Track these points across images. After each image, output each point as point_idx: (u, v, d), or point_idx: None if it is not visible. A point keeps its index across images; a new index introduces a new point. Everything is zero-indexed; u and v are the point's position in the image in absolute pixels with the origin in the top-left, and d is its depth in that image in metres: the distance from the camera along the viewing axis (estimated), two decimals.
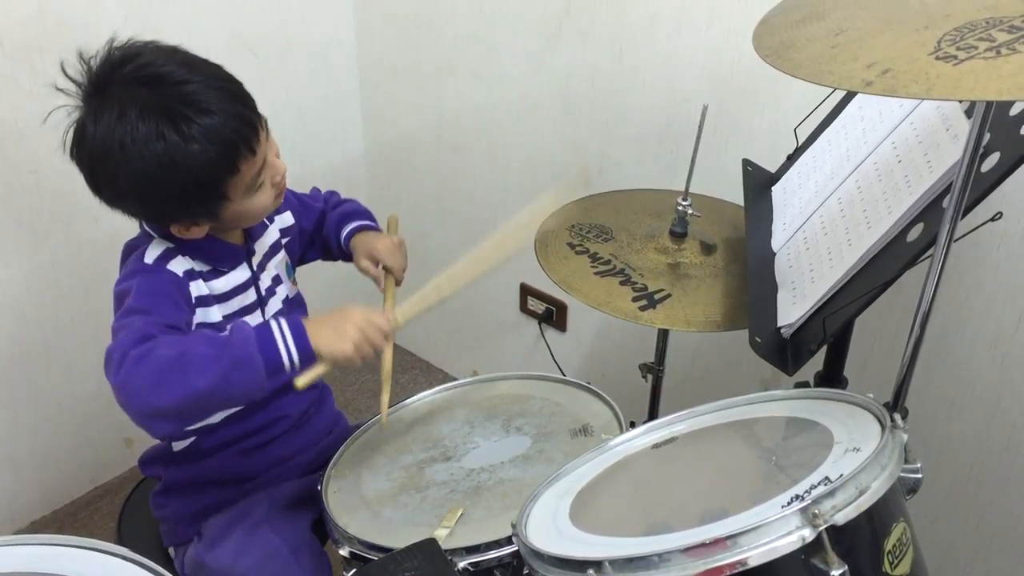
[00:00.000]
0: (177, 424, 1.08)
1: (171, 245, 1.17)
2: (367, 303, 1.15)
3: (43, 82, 1.15)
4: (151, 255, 1.16)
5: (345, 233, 1.41)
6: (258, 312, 1.27)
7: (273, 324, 1.05)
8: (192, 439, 1.29)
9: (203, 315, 1.20)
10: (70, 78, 1.08)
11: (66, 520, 2.04)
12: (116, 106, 1.04)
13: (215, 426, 1.28)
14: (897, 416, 0.92)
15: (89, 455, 2.08)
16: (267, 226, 1.31)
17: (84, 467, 2.09)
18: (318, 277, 1.56)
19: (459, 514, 1.17)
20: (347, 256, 1.43)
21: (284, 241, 1.35)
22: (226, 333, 1.08)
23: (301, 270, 1.44)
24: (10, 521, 1.99)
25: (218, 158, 1.07)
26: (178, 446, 1.30)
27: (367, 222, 1.43)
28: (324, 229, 1.44)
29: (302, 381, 1.07)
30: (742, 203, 1.45)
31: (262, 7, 2.01)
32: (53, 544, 0.94)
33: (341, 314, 1.09)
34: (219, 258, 1.21)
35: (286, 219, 1.36)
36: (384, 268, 1.37)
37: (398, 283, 1.38)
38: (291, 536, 1.27)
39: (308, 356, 1.06)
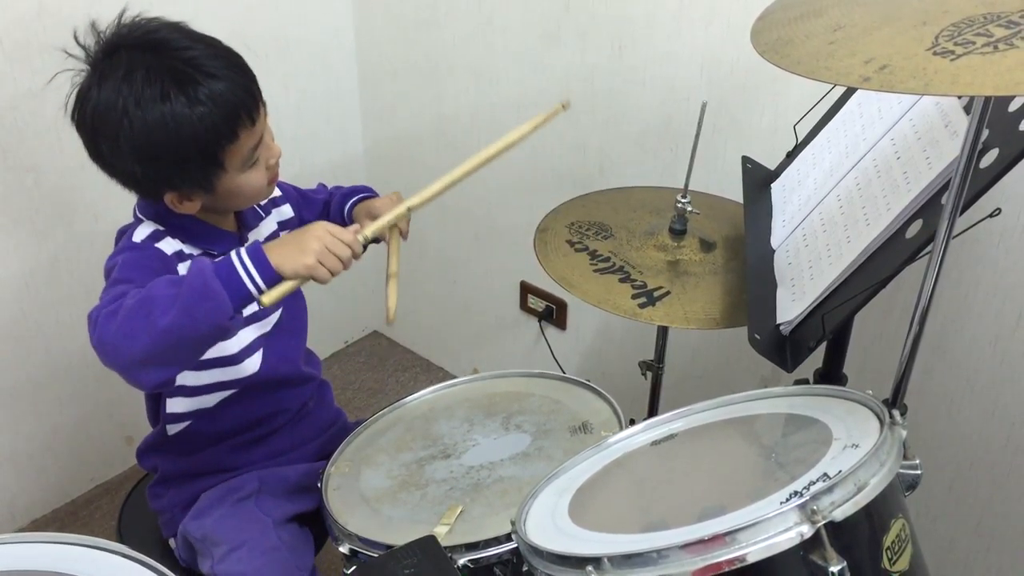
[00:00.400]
0: (160, 371, 1.04)
1: (161, 227, 1.18)
2: (370, 299, 1.14)
3: (42, 80, 1.16)
4: (140, 235, 1.18)
5: (347, 208, 1.41)
6: (253, 303, 1.27)
7: (232, 253, 1.04)
8: (187, 423, 1.29)
9: None
10: (80, 44, 1.11)
11: (67, 518, 2.04)
12: (122, 68, 1.07)
13: (211, 411, 1.29)
14: (896, 412, 0.92)
15: (89, 453, 2.08)
16: (263, 217, 1.31)
17: (84, 465, 2.09)
18: None
19: (459, 511, 1.17)
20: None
21: (283, 233, 1.35)
22: (184, 273, 1.09)
23: None
24: (11, 519, 2.00)
25: (220, 122, 1.09)
26: (173, 429, 1.30)
27: (366, 193, 1.43)
28: (330, 217, 1.43)
29: (267, 298, 1.04)
30: (741, 200, 1.45)
31: (261, 6, 2.01)
32: (54, 542, 0.95)
33: (304, 230, 1.08)
34: (209, 240, 1.21)
35: (284, 212, 1.37)
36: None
37: (404, 235, 1.33)
38: (276, 511, 1.29)
39: (270, 276, 1.04)
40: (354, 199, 1.42)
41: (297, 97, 2.17)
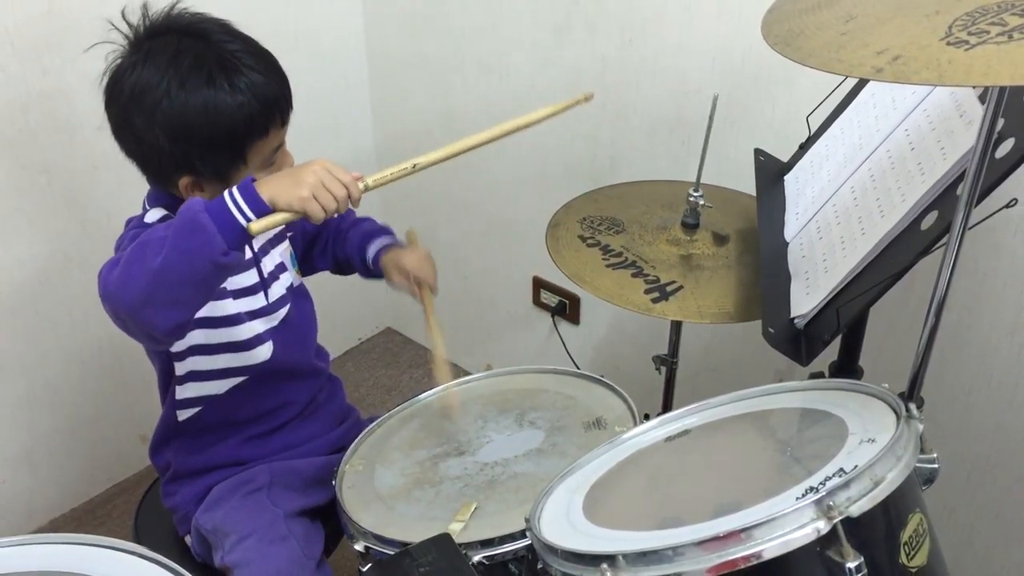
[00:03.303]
0: (167, 312, 1.03)
1: (170, 214, 1.19)
2: (383, 296, 1.14)
3: (53, 81, 1.17)
4: (151, 217, 1.20)
5: (372, 252, 1.43)
6: (261, 294, 1.29)
7: (225, 192, 1.03)
8: (198, 409, 1.30)
9: None
10: (128, 21, 1.15)
11: (84, 518, 2.05)
12: (170, 50, 1.11)
13: (221, 398, 1.29)
14: (912, 406, 0.91)
15: (106, 453, 2.09)
16: None
17: (101, 465, 2.10)
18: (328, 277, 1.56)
19: (473, 508, 1.17)
20: (373, 273, 1.45)
21: (289, 233, 1.37)
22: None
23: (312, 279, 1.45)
24: (29, 520, 2.01)
25: (256, 115, 1.14)
26: (183, 415, 1.31)
27: (391, 239, 1.45)
28: (346, 248, 1.46)
29: (256, 226, 1.01)
30: (754, 193, 1.44)
31: (270, 2, 2.01)
32: (71, 543, 0.95)
33: (302, 165, 1.08)
34: None
35: None
36: (417, 281, 1.38)
37: (433, 292, 1.40)
38: (287, 504, 1.29)
39: (261, 208, 1.02)
40: (378, 247, 1.43)
41: (307, 92, 2.15)
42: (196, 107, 1.11)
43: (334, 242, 1.47)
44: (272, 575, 1.21)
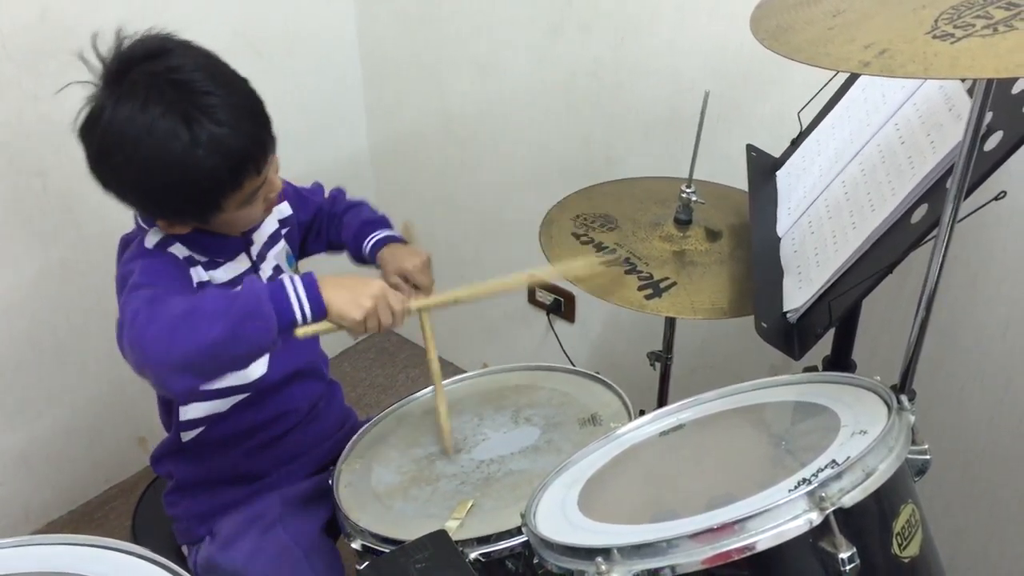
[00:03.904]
0: (193, 379, 1.05)
1: (167, 237, 1.18)
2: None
3: (48, 85, 1.16)
4: (151, 241, 1.18)
5: (370, 244, 1.41)
6: None
7: (286, 278, 1.05)
8: (201, 429, 1.30)
9: None
10: (98, 53, 1.09)
11: (82, 520, 2.05)
12: (141, 98, 1.06)
13: (224, 415, 1.29)
14: (904, 398, 0.92)
15: (103, 455, 2.10)
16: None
17: (99, 467, 2.10)
18: (325, 264, 1.56)
19: (469, 506, 1.17)
20: (366, 262, 1.43)
21: (284, 231, 1.36)
22: (238, 289, 1.09)
23: (306, 260, 1.45)
24: (27, 522, 2.01)
25: (226, 172, 1.09)
26: (187, 436, 1.30)
27: (390, 232, 1.43)
28: (341, 235, 1.44)
29: (302, 331, 1.05)
30: (747, 189, 1.45)
31: (264, 5, 2.02)
32: (70, 544, 0.95)
33: (362, 282, 1.09)
34: (215, 250, 1.22)
35: (283, 209, 1.36)
36: (414, 285, 1.36)
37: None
38: (304, 538, 1.29)
39: (320, 312, 1.05)
40: (376, 239, 1.41)
41: (301, 95, 2.18)
42: (163, 162, 1.06)
43: (328, 226, 1.45)
44: None
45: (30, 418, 1.93)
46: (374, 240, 1.41)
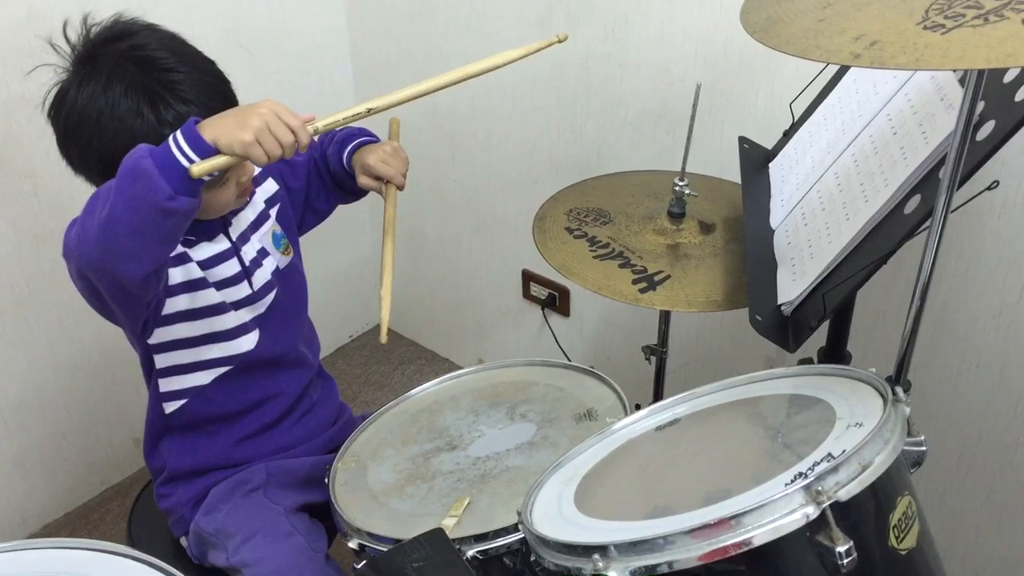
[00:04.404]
0: (130, 262, 1.00)
1: None
2: (374, 293, 1.13)
3: (35, 87, 1.16)
4: None
5: (346, 155, 1.36)
6: (245, 283, 1.27)
7: (169, 137, 0.99)
8: (183, 401, 1.29)
9: (185, 273, 1.20)
10: (67, 39, 1.11)
11: (79, 522, 2.05)
12: (104, 77, 1.07)
13: (207, 389, 1.28)
14: (899, 389, 0.92)
15: (98, 456, 2.09)
16: (247, 200, 1.28)
17: (94, 468, 2.10)
18: (319, 262, 1.56)
19: (466, 503, 1.17)
20: (356, 183, 1.36)
21: (273, 211, 1.33)
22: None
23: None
24: (23, 525, 2.00)
25: None
26: (170, 407, 1.30)
27: (365, 138, 1.38)
28: (331, 167, 1.39)
29: (197, 168, 0.97)
30: (739, 181, 1.45)
31: (254, 3, 2.01)
32: (64, 548, 0.95)
33: (250, 105, 1.02)
34: (193, 230, 1.18)
35: (269, 188, 1.34)
36: (384, 180, 1.32)
37: (401, 188, 1.33)
38: (286, 503, 1.30)
39: (203, 149, 0.97)
40: (350, 148, 1.36)
41: (292, 93, 2.17)
42: (125, 140, 1.05)
43: (324, 169, 1.41)
44: (283, 570, 1.21)
45: (24, 421, 1.92)
46: (349, 149, 1.36)
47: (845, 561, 0.78)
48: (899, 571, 0.85)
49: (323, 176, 1.41)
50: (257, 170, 1.21)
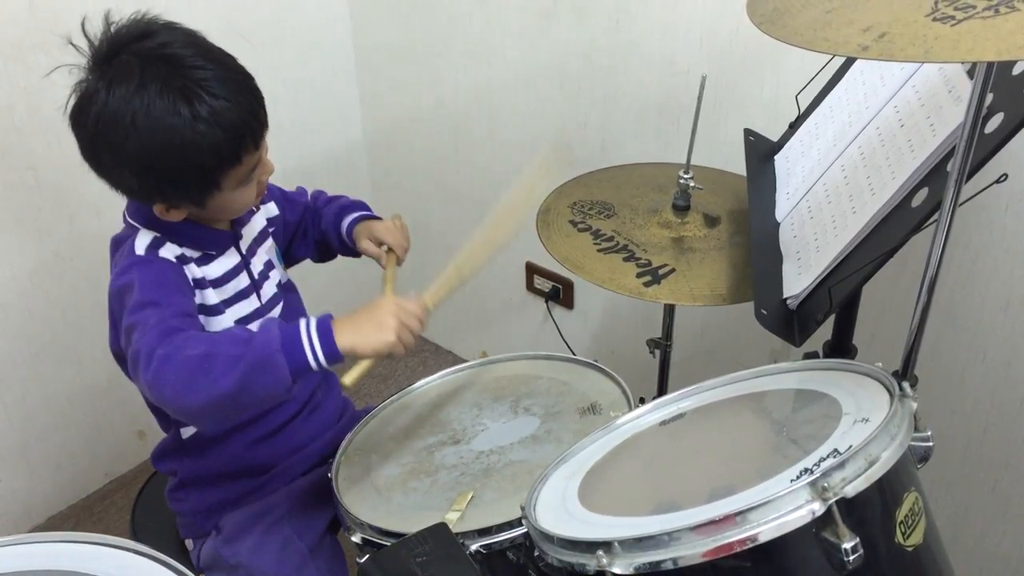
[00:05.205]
0: (216, 421, 1.09)
1: (157, 234, 1.17)
2: (368, 296, 1.14)
3: (37, 78, 1.15)
4: (140, 245, 1.16)
5: (347, 224, 1.42)
6: (253, 296, 1.27)
7: (301, 323, 1.05)
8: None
9: (200, 297, 1.20)
10: (88, 38, 1.09)
11: (83, 514, 2.05)
12: (137, 77, 1.05)
13: None
14: (906, 384, 0.91)
15: (102, 449, 2.09)
16: (253, 212, 1.31)
17: (98, 461, 2.10)
18: (317, 273, 1.55)
19: (469, 497, 1.17)
20: (348, 247, 1.43)
21: (271, 230, 1.36)
22: (253, 329, 1.09)
23: (298, 269, 1.44)
24: (27, 517, 2.01)
25: (225, 145, 1.09)
26: (186, 432, 1.30)
27: (367, 212, 1.44)
28: (321, 225, 1.44)
29: (349, 379, 1.08)
30: (744, 174, 1.44)
31: None
32: (69, 541, 0.94)
33: (374, 308, 1.09)
34: (206, 243, 1.21)
35: (271, 209, 1.37)
36: (387, 248, 1.38)
37: (400, 262, 1.38)
38: (309, 535, 1.28)
39: (333, 353, 1.05)
40: (353, 217, 1.41)
41: (294, 86, 2.16)
42: (163, 139, 1.06)
43: (311, 222, 1.45)
44: None
45: (28, 413, 1.92)
46: (351, 219, 1.41)
47: (851, 558, 0.77)
48: (905, 567, 0.85)
49: (308, 230, 1.46)
50: (273, 170, 1.21)
